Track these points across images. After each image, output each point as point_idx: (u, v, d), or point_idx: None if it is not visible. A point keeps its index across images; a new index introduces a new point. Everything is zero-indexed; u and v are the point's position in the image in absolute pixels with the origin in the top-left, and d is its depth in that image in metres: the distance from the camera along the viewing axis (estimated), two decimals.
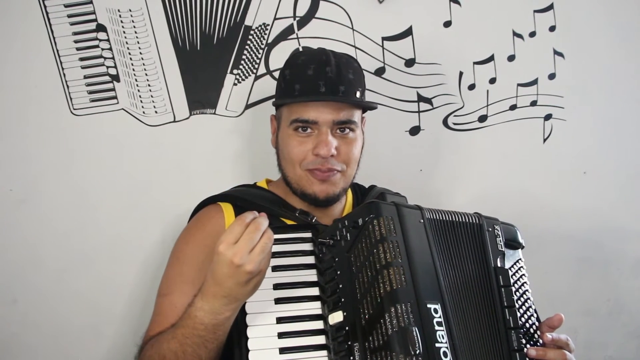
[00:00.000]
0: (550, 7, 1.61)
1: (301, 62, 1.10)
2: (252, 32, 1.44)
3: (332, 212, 1.17)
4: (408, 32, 1.52)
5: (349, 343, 0.89)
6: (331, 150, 1.06)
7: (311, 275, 0.98)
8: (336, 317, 0.92)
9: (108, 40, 1.37)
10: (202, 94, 1.43)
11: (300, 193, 1.12)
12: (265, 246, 0.85)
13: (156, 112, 1.42)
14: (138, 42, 1.39)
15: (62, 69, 1.36)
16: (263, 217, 0.88)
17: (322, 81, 1.06)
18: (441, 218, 1.01)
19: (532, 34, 1.61)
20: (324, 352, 0.93)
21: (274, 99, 1.17)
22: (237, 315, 0.92)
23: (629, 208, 1.73)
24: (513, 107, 1.62)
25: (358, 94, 1.10)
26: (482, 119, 1.61)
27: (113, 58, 1.38)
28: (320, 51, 1.12)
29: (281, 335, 0.93)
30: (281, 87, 1.13)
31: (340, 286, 0.93)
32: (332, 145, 1.06)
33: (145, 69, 1.40)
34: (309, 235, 1.01)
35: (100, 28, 1.37)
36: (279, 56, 1.44)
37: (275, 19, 1.45)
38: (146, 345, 0.99)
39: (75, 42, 1.36)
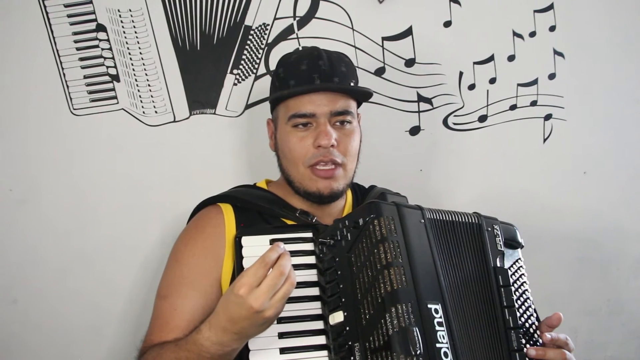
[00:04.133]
0: (550, 7, 1.61)
1: (294, 59, 1.12)
2: (252, 32, 1.44)
3: (333, 212, 1.17)
4: (408, 32, 1.52)
5: (350, 343, 0.89)
6: (332, 140, 1.06)
7: (312, 275, 0.98)
8: (337, 317, 0.92)
9: (108, 40, 1.37)
10: (202, 94, 1.43)
11: (303, 192, 1.11)
12: (287, 292, 0.84)
13: (156, 112, 1.42)
14: (138, 42, 1.39)
15: (62, 69, 1.36)
16: (287, 256, 0.84)
17: (317, 74, 1.07)
18: (441, 218, 1.01)
19: (532, 34, 1.61)
20: (325, 352, 0.93)
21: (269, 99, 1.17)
22: None
23: (629, 208, 1.73)
24: (513, 107, 1.62)
25: (352, 85, 1.11)
26: (482, 119, 1.61)
27: (113, 58, 1.38)
28: (311, 48, 1.14)
29: (282, 335, 0.93)
30: (276, 86, 1.14)
31: (341, 286, 0.93)
32: (332, 135, 1.07)
33: (145, 69, 1.40)
34: (309, 235, 1.01)
35: (100, 28, 1.36)
36: (279, 56, 1.43)
37: (275, 19, 1.45)
38: (146, 354, 0.98)
39: (75, 42, 1.36)
